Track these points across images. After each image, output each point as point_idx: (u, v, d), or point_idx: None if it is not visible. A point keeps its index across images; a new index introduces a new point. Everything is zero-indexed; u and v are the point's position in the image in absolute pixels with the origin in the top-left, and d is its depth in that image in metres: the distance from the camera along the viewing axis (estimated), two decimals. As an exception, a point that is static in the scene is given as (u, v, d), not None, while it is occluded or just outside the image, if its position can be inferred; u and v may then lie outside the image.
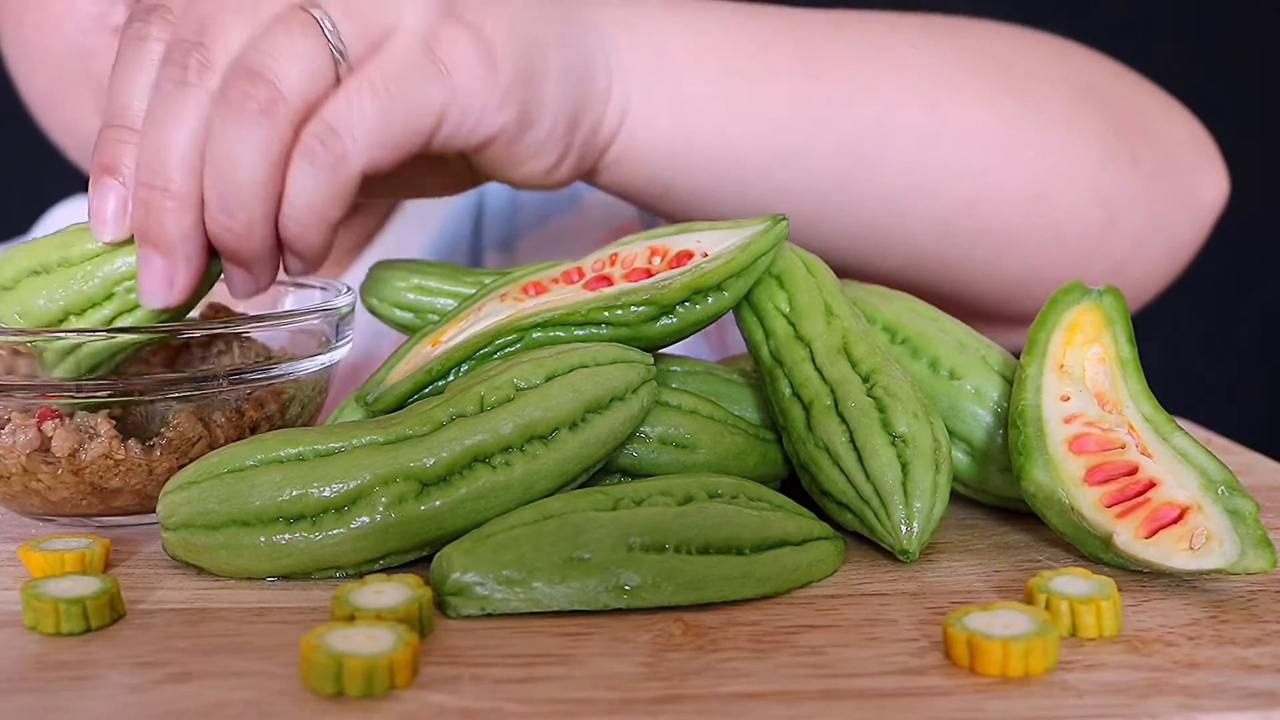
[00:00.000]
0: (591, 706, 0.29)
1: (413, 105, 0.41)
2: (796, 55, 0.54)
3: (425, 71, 0.41)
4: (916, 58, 0.56)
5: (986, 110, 0.56)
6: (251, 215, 0.39)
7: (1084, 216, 0.57)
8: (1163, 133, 0.61)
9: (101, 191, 0.40)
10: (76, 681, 0.30)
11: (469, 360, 0.41)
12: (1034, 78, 0.58)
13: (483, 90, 0.43)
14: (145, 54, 0.40)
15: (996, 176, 0.56)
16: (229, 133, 0.38)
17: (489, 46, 0.43)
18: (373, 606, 0.32)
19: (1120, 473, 0.38)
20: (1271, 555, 0.34)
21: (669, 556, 0.34)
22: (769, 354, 0.43)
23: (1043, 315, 0.43)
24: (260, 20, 0.39)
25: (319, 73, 0.39)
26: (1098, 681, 0.30)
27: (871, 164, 0.54)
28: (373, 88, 0.40)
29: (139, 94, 0.40)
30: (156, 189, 0.39)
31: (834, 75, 0.54)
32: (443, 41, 0.41)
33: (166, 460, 0.41)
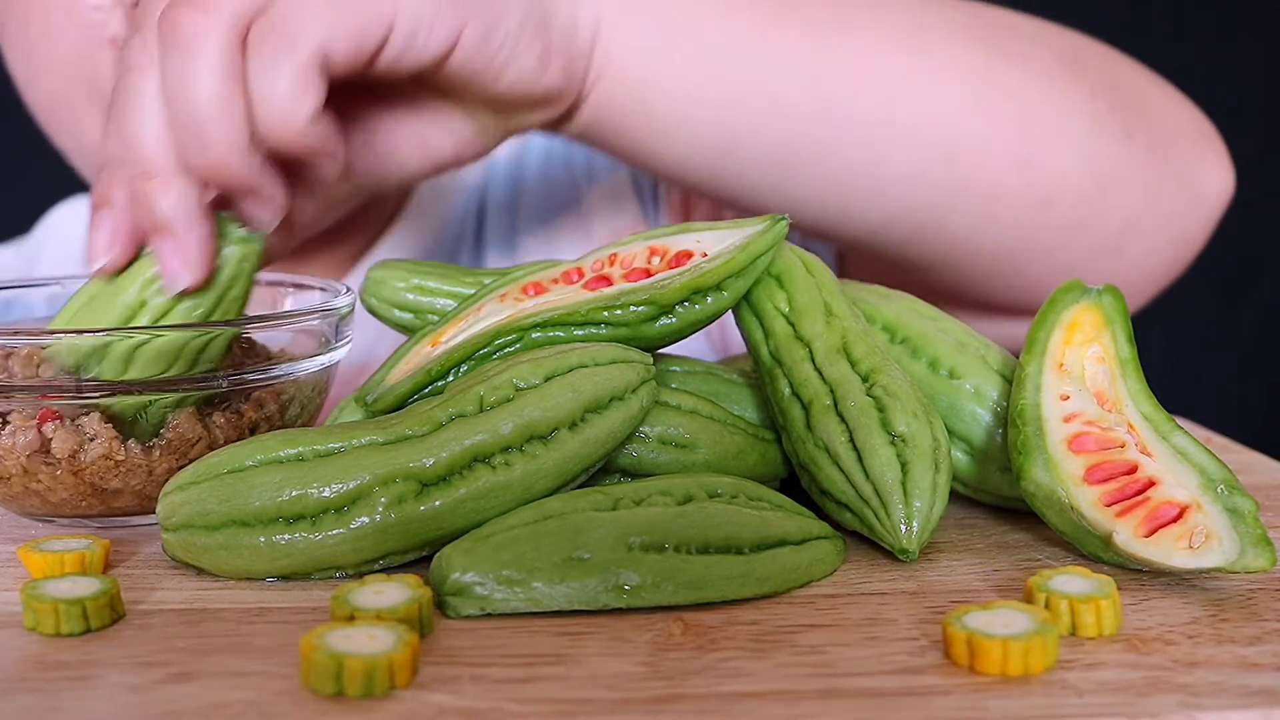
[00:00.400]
0: (591, 706, 0.29)
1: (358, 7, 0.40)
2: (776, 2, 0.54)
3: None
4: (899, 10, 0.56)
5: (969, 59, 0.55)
6: (226, 135, 0.38)
7: (1072, 182, 0.56)
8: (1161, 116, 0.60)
9: (96, 224, 0.41)
10: (76, 682, 0.30)
11: (469, 360, 0.41)
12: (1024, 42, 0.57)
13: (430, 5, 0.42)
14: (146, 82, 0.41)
15: (977, 125, 0.55)
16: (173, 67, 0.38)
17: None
18: (373, 606, 0.32)
19: (1120, 472, 0.38)
20: (1271, 554, 0.34)
21: (669, 556, 0.34)
22: (768, 354, 0.43)
23: (1042, 314, 0.43)
24: None
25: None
26: (1097, 680, 0.30)
27: (846, 100, 0.54)
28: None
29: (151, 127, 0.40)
30: (138, 177, 0.39)
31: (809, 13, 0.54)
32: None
33: (166, 461, 0.41)
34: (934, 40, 0.55)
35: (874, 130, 0.54)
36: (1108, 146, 0.57)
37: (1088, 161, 0.57)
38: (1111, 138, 0.57)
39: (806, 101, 0.53)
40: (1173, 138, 0.60)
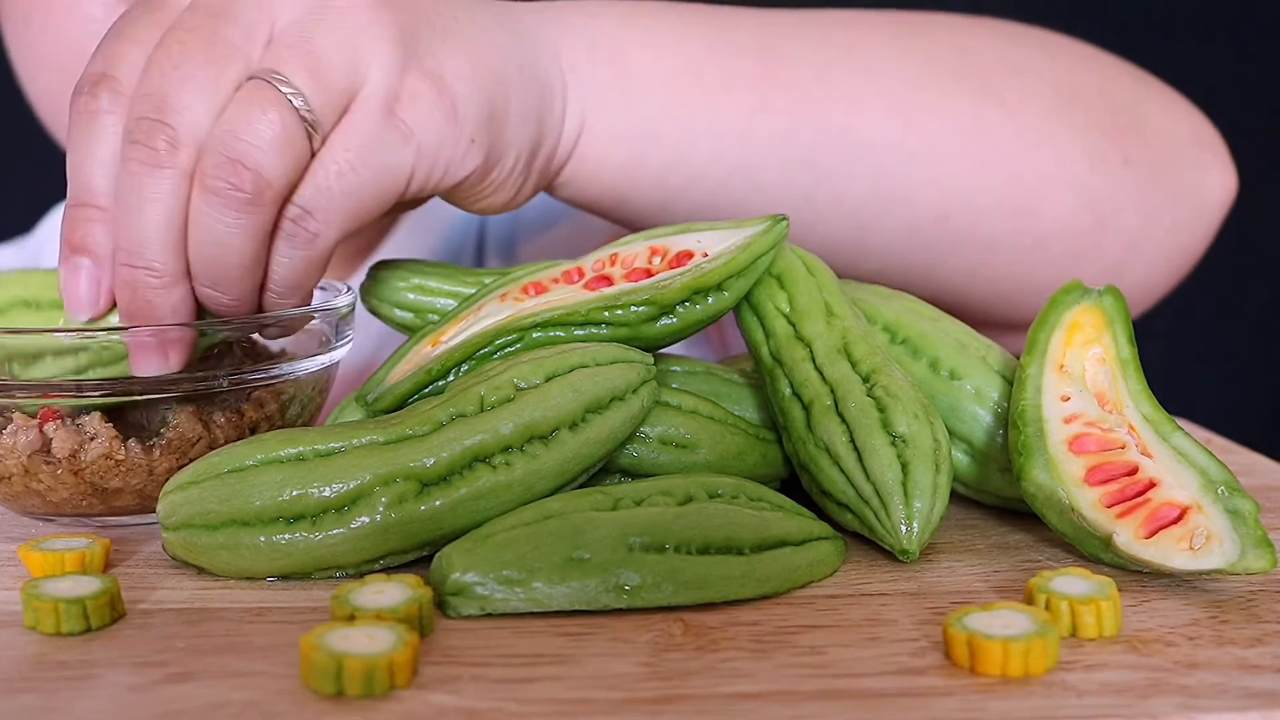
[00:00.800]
0: (591, 706, 0.29)
1: (380, 175, 0.41)
2: (757, 62, 0.52)
3: (390, 139, 0.41)
4: (886, 62, 0.54)
5: (960, 117, 0.54)
6: (243, 290, 0.41)
7: (1071, 223, 0.56)
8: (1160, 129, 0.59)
9: (73, 271, 0.40)
10: (76, 681, 0.30)
11: (469, 360, 0.41)
12: (1015, 80, 0.56)
13: (448, 145, 0.43)
14: (100, 128, 0.40)
15: (969, 184, 0.54)
16: (217, 220, 0.39)
17: (450, 97, 0.43)
18: (373, 606, 0.32)
19: (1120, 473, 0.38)
20: (1271, 555, 0.34)
21: (669, 556, 0.34)
22: (769, 354, 0.43)
23: (1043, 315, 0.43)
24: (221, 92, 0.39)
25: (297, 153, 0.39)
26: (1098, 681, 0.30)
27: (834, 176, 0.53)
28: (339, 169, 0.40)
29: (100, 170, 0.40)
30: (139, 269, 0.39)
31: (796, 83, 0.53)
32: (404, 101, 0.41)
33: (166, 460, 0.41)
34: (925, 99, 0.54)
35: (863, 203, 0.54)
36: (1106, 179, 0.56)
37: (1086, 198, 0.56)
38: (1109, 169, 0.56)
39: (792, 185, 0.53)
40: (1172, 151, 0.59)
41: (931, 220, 0.54)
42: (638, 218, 0.53)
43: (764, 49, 0.53)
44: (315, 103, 0.40)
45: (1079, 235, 0.56)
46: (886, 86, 0.54)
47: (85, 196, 0.40)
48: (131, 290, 0.40)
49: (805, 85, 0.53)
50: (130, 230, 0.39)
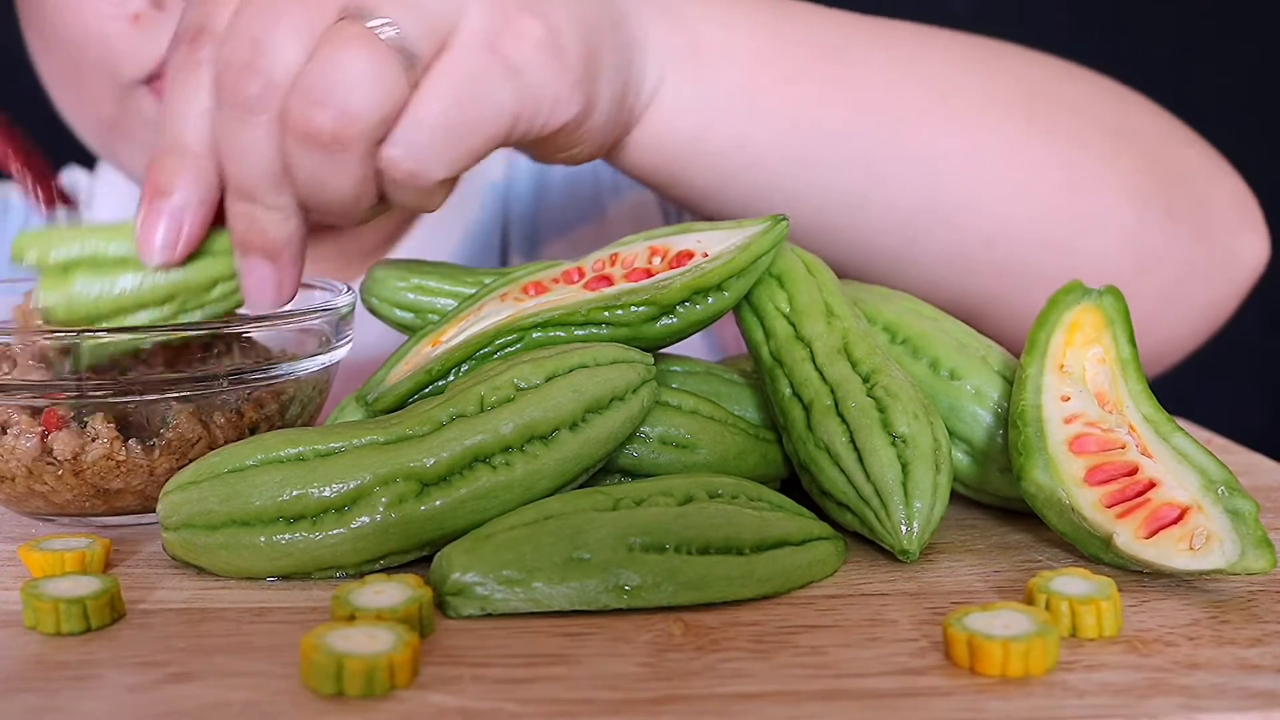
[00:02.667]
0: (591, 706, 0.29)
1: (483, 112, 0.40)
2: (827, 59, 0.52)
3: (494, 74, 0.40)
4: (951, 79, 0.54)
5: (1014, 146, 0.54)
6: (350, 218, 0.41)
7: (1111, 266, 0.56)
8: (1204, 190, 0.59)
9: (153, 215, 0.40)
10: (76, 681, 0.30)
11: (469, 360, 0.41)
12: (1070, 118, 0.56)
13: (552, 85, 0.42)
14: (197, 81, 0.40)
15: (1020, 214, 0.54)
16: (309, 161, 0.38)
17: (556, 37, 0.42)
18: (373, 606, 0.32)
19: (1120, 473, 0.38)
20: (1271, 555, 0.34)
21: (669, 556, 0.34)
22: (769, 354, 0.43)
23: (1043, 315, 0.43)
24: (315, 33, 0.38)
25: (388, 87, 0.38)
26: (1098, 682, 0.30)
27: (889, 183, 0.53)
28: (442, 106, 0.39)
29: (196, 120, 0.40)
30: (255, 202, 0.39)
31: (862, 86, 0.53)
32: (509, 38, 0.40)
33: (166, 461, 0.41)
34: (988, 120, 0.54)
35: (914, 216, 0.54)
36: (1148, 228, 0.56)
37: (1130, 244, 0.56)
38: (1155, 219, 0.56)
39: (847, 186, 0.53)
40: (1213, 211, 0.59)
41: (976, 243, 0.54)
42: (692, 197, 0.53)
43: (834, 47, 0.53)
44: (411, 33, 0.39)
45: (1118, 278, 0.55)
46: (948, 103, 0.54)
47: (177, 143, 0.40)
48: (246, 222, 0.40)
49: (871, 88, 0.53)
50: (238, 175, 0.39)
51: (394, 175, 0.40)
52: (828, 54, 0.53)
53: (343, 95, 0.38)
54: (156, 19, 0.61)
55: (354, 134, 0.38)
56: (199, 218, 0.40)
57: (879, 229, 0.54)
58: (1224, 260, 0.60)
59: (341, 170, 0.39)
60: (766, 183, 0.52)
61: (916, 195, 0.53)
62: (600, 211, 0.75)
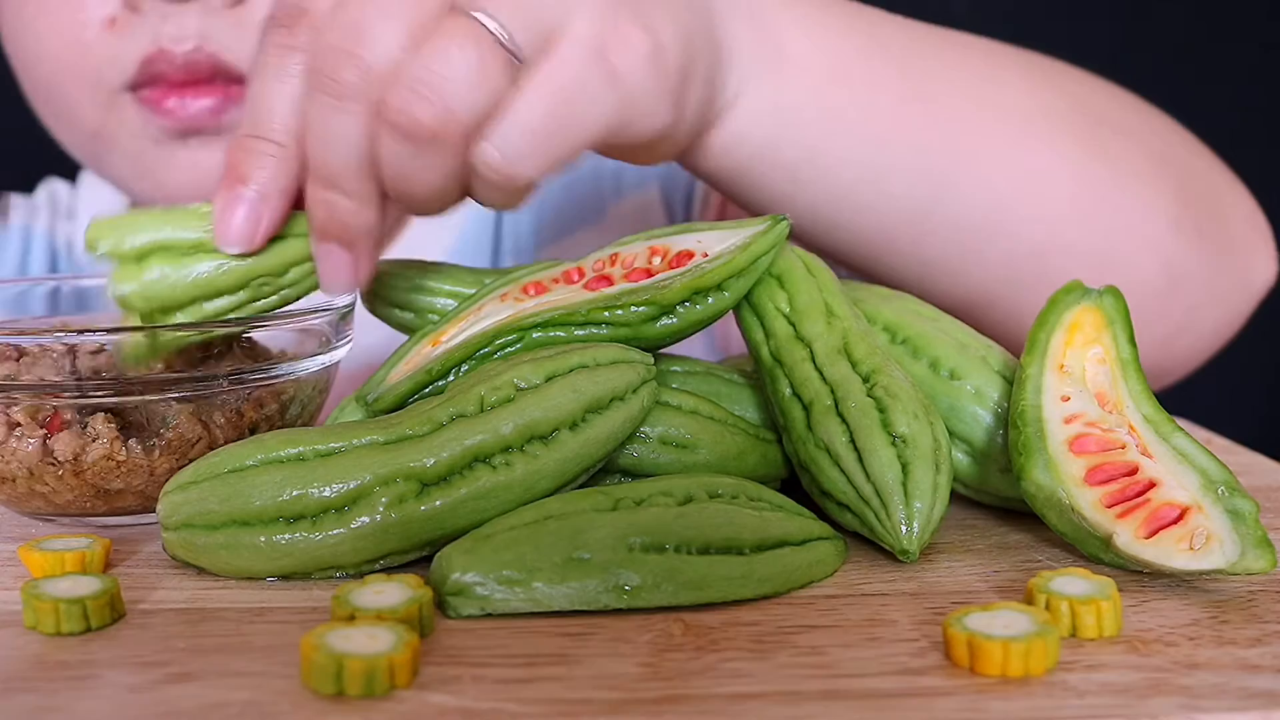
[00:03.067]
0: (591, 707, 0.29)
1: (582, 119, 0.40)
2: (902, 72, 0.52)
3: (597, 81, 0.40)
4: (1015, 97, 0.55)
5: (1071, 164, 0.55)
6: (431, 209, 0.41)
7: (1149, 283, 0.56)
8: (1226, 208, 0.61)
9: (231, 201, 0.39)
10: (76, 681, 0.30)
11: (469, 360, 0.41)
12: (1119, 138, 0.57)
13: (651, 97, 0.42)
14: (290, 64, 0.39)
15: (1070, 229, 0.55)
16: (401, 154, 0.38)
17: (660, 49, 0.42)
18: (373, 606, 0.32)
19: (1120, 473, 0.38)
20: (1271, 555, 0.34)
21: (669, 556, 0.34)
22: (769, 354, 0.43)
23: (1043, 315, 0.43)
24: (418, 23, 0.38)
25: (492, 87, 0.38)
26: (1098, 682, 0.30)
27: (954, 198, 0.53)
28: (545, 108, 0.39)
29: (284, 106, 0.39)
30: (335, 193, 0.39)
31: (935, 100, 0.53)
32: (614, 47, 0.40)
33: (166, 461, 0.41)
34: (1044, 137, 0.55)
35: (972, 229, 0.54)
36: (1182, 246, 0.57)
37: (1164, 261, 0.57)
38: (1186, 237, 0.57)
39: (913, 200, 0.53)
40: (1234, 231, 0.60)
41: (1029, 256, 0.55)
42: (760, 203, 0.53)
43: (909, 60, 0.53)
44: (519, 33, 0.38)
45: (1151, 293, 0.57)
46: (1012, 121, 0.54)
47: (262, 129, 0.39)
48: (327, 209, 0.39)
49: (943, 103, 0.53)
50: (323, 161, 0.39)
51: (485, 174, 0.39)
52: (905, 67, 0.53)
53: (446, 90, 0.37)
54: (132, 22, 0.61)
55: (453, 130, 0.38)
56: (279, 207, 0.40)
57: (939, 241, 0.54)
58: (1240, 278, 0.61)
59: (433, 164, 0.38)
60: (835, 193, 0.52)
61: (977, 210, 0.54)
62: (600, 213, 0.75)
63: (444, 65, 0.37)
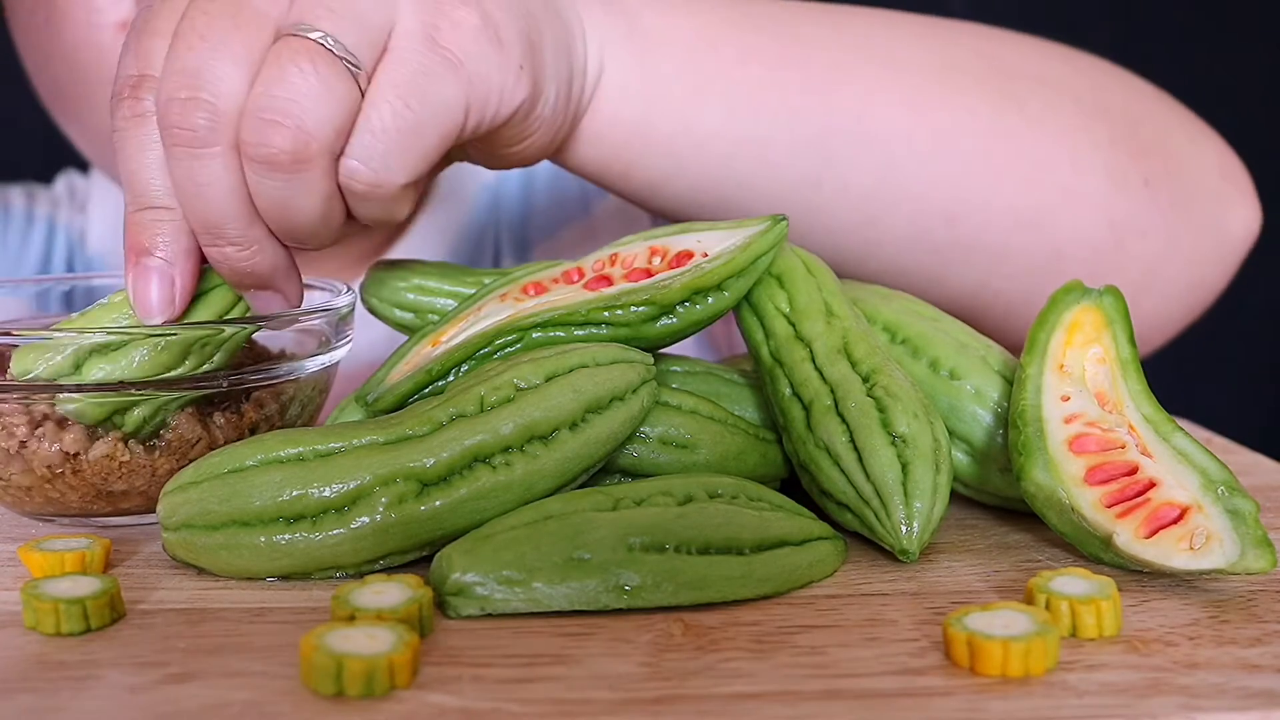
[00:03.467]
0: (591, 706, 0.29)
1: (435, 109, 0.40)
2: (774, 39, 0.52)
3: (438, 69, 0.39)
4: (904, 56, 0.54)
5: (976, 119, 0.53)
6: (327, 236, 0.41)
7: (1087, 236, 0.55)
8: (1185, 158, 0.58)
9: (143, 275, 0.39)
10: (76, 681, 0.30)
11: (469, 360, 0.41)
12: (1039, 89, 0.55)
13: (497, 72, 0.41)
14: (149, 129, 0.39)
15: (982, 189, 0.53)
16: (271, 185, 0.38)
17: (492, 24, 0.41)
18: (373, 606, 0.32)
19: (1120, 473, 0.38)
20: (1271, 555, 0.34)
21: (669, 557, 0.34)
22: (769, 354, 0.43)
23: (1043, 315, 0.43)
24: (254, 56, 0.38)
25: (339, 98, 0.38)
26: (1098, 682, 0.30)
27: (842, 162, 0.52)
28: (392, 109, 0.39)
29: (156, 171, 0.39)
30: (224, 245, 0.39)
31: (812, 64, 0.52)
32: (446, 30, 0.40)
33: (166, 462, 0.41)
34: (945, 94, 0.53)
35: (870, 194, 0.53)
36: (1126, 197, 0.55)
37: (1103, 214, 0.55)
38: (1130, 187, 0.55)
39: (800, 166, 0.52)
40: (1196, 180, 0.58)
41: (941, 221, 0.53)
42: (645, 186, 0.52)
43: (781, 28, 0.52)
44: (351, 41, 0.38)
45: (1096, 252, 0.55)
46: (902, 80, 0.53)
47: (145, 200, 0.39)
48: (223, 260, 0.40)
49: (819, 67, 0.52)
50: (200, 215, 0.39)
51: (356, 188, 0.39)
52: (774, 35, 0.52)
53: (296, 111, 0.37)
54: None
55: (314, 150, 0.37)
56: (188, 268, 0.40)
57: (835, 210, 0.53)
58: (1210, 230, 0.58)
59: (305, 190, 0.38)
60: (716, 168, 0.51)
61: (871, 174, 0.52)
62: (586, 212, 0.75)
63: (285, 88, 0.37)
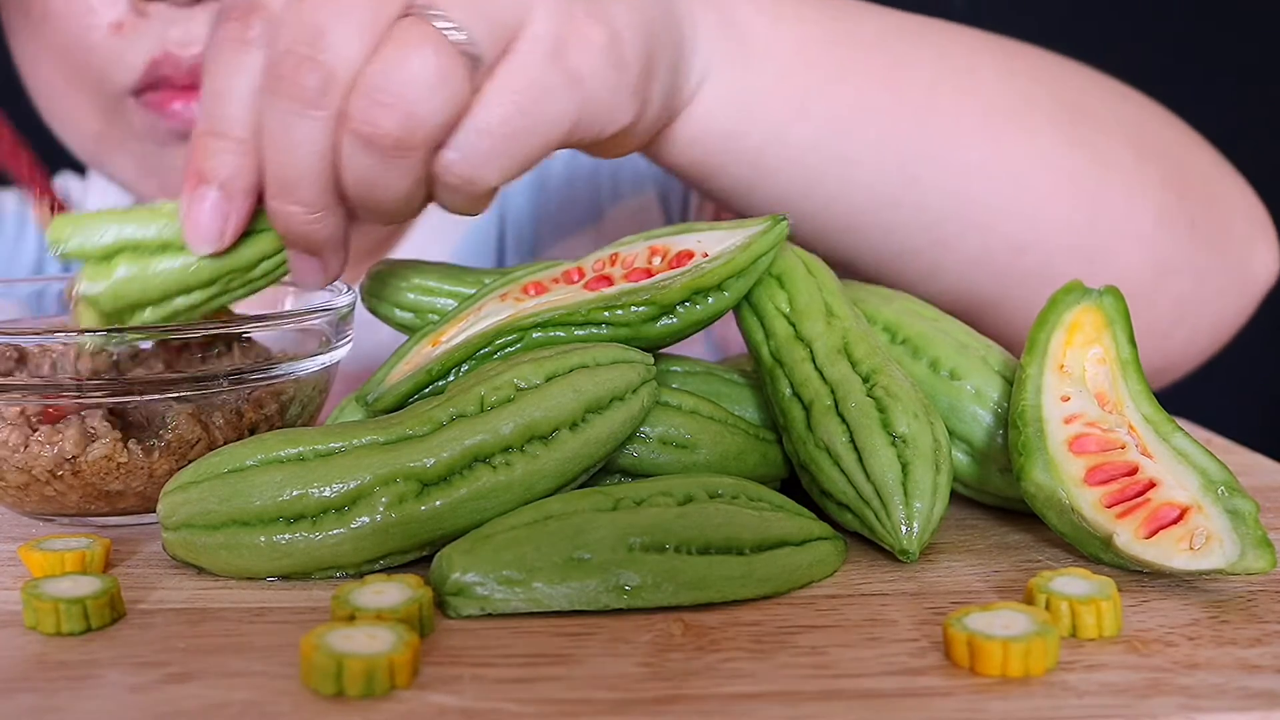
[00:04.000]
0: (591, 706, 0.29)
1: (544, 121, 0.40)
2: (871, 57, 0.52)
3: (556, 84, 0.40)
4: (993, 86, 0.54)
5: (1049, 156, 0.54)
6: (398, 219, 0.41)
7: (1133, 272, 0.56)
8: (1222, 201, 0.60)
9: (198, 201, 0.39)
10: (76, 681, 0.30)
11: (469, 360, 0.41)
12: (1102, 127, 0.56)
13: (612, 95, 0.42)
14: (247, 59, 0.38)
15: (1049, 221, 0.54)
16: (367, 162, 0.38)
17: (619, 45, 0.41)
18: (373, 606, 0.32)
19: (1120, 473, 0.38)
20: (1271, 555, 0.34)
21: (669, 557, 0.34)
22: (769, 354, 0.43)
23: (1043, 316, 0.43)
24: (379, 28, 0.37)
25: (453, 91, 0.37)
26: (1098, 682, 0.30)
27: (923, 186, 0.53)
28: (503, 113, 0.39)
29: (241, 101, 0.38)
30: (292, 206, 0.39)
31: (905, 87, 0.52)
32: (573, 46, 0.40)
33: (166, 462, 0.41)
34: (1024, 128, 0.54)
35: (945, 219, 0.53)
36: (1170, 236, 0.56)
37: (1150, 251, 0.56)
38: (1175, 228, 0.56)
39: (882, 187, 0.52)
40: (1228, 222, 0.59)
41: (1008, 250, 0.54)
42: (726, 192, 0.52)
43: (879, 46, 0.53)
44: (477, 35, 0.38)
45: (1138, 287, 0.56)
46: (988, 111, 0.54)
47: (221, 126, 0.39)
48: (285, 220, 0.39)
49: (912, 92, 0.52)
50: (279, 169, 0.38)
51: (448, 180, 0.39)
52: (871, 53, 0.52)
53: (409, 98, 0.37)
54: (139, 26, 0.61)
55: (418, 140, 0.37)
56: (244, 206, 0.39)
57: (910, 231, 0.53)
58: (1238, 271, 0.60)
59: (398, 174, 0.38)
60: (802, 180, 0.52)
61: (949, 199, 0.53)
62: (598, 215, 0.75)
63: (404, 72, 0.37)
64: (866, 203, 0.52)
